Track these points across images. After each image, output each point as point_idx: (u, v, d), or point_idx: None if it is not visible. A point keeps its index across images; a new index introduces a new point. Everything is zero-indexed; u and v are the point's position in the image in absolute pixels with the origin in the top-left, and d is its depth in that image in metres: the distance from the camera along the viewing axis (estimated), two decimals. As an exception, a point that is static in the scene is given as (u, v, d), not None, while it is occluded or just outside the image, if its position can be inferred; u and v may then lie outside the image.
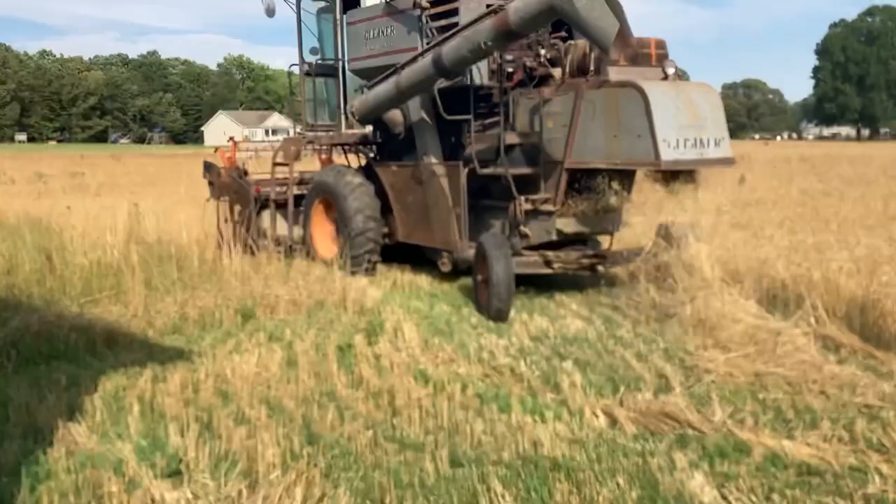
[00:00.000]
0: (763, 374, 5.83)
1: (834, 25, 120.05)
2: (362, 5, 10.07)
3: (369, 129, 10.54)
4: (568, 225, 8.13)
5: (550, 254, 8.28)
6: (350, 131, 10.85)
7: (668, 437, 4.71)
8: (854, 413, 5.06)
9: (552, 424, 4.86)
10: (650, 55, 7.85)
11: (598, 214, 8.03)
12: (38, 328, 6.39)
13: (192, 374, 5.76)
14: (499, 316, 7.49)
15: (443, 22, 8.59)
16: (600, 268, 8.44)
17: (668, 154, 7.01)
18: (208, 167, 12.41)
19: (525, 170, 8.18)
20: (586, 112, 7.53)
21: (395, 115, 9.16)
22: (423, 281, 9.60)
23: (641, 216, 9.26)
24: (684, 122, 7.16)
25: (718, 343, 6.73)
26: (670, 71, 7.49)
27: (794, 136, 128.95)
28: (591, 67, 7.70)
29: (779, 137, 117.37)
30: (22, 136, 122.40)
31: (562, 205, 7.99)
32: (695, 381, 5.79)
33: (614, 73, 7.54)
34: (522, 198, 8.09)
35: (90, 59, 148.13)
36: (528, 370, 5.96)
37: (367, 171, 10.22)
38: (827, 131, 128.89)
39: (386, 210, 9.73)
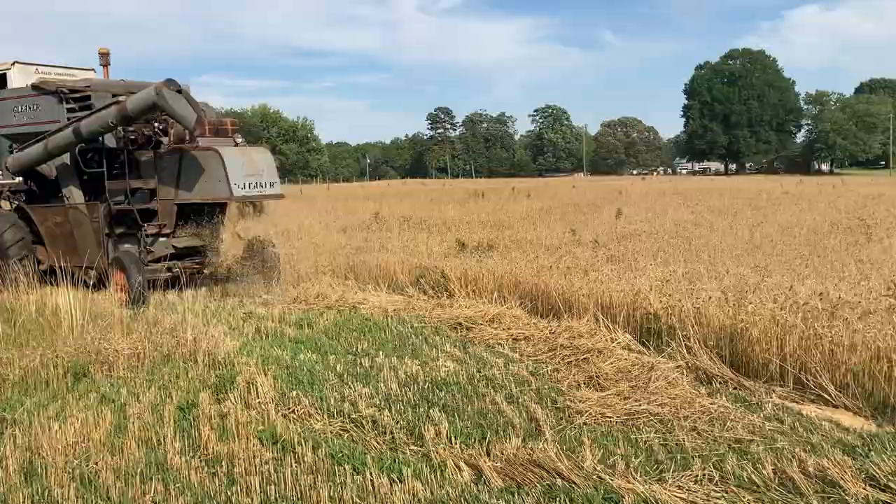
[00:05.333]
0: (636, 414, 5.59)
1: (700, 67, 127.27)
2: (8, 87, 12.99)
3: (19, 179, 12.83)
4: (181, 242, 11.53)
5: (170, 263, 11.47)
6: (2, 181, 13.16)
7: (535, 490, 4.34)
8: (724, 449, 4.89)
9: (410, 484, 4.38)
10: (228, 129, 11.58)
11: (203, 234, 11.41)
12: None
13: (-4, 448, 4.98)
14: (139, 304, 10.29)
15: (80, 104, 11.60)
16: (206, 271, 11.76)
17: (238, 192, 10.74)
18: None
19: (146, 205, 11.48)
20: (186, 166, 11.08)
21: (45, 168, 12.24)
22: (290, 328, 8.98)
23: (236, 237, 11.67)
24: (248, 172, 10.90)
25: (592, 380, 6.51)
26: (239, 140, 11.54)
27: (669, 171, 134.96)
28: (188, 137, 11.25)
29: (656, 172, 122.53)
30: None
31: (175, 228, 11.50)
32: (566, 423, 5.50)
33: (203, 142, 11.06)
34: (146, 225, 11.34)
35: None
36: (392, 420, 5.48)
37: (20, 213, 12.65)
38: (698, 166, 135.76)
39: (37, 242, 12.30)
